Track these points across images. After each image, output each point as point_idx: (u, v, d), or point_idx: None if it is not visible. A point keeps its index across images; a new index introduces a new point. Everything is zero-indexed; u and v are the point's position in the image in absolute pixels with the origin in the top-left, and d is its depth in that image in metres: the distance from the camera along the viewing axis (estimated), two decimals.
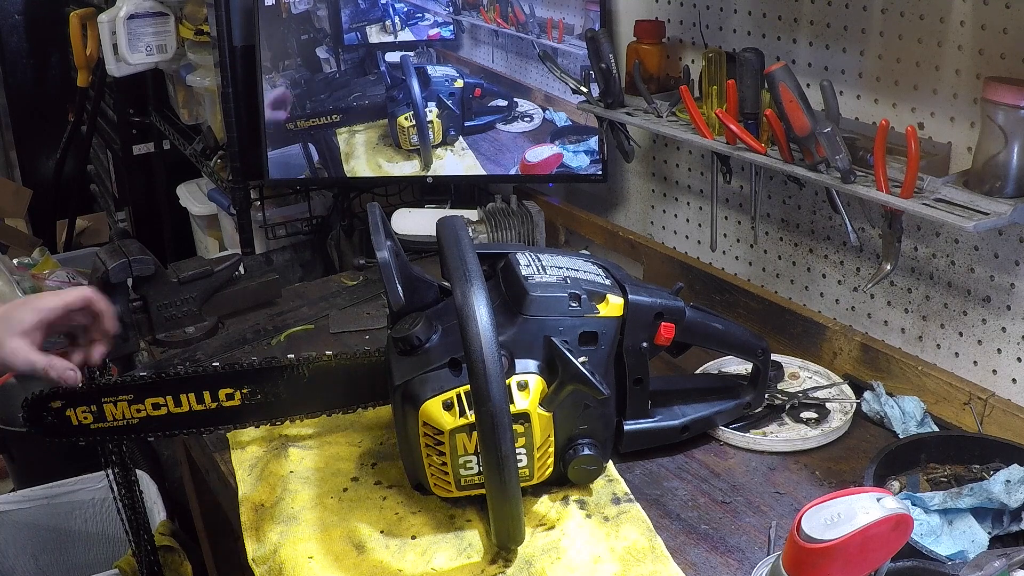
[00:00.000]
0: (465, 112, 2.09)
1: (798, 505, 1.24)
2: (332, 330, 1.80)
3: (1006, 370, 1.39)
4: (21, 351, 1.22)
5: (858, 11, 1.46)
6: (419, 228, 2.07)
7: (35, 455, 2.64)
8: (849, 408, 1.43)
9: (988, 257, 1.37)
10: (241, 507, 1.31)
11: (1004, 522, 1.17)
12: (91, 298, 1.30)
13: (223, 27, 2.21)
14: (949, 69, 1.35)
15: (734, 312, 1.74)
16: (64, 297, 1.28)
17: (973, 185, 1.26)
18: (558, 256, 1.33)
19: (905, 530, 0.88)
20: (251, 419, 1.37)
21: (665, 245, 1.97)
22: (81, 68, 3.53)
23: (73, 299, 1.28)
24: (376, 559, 1.18)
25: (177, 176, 3.14)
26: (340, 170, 2.18)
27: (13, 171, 4.65)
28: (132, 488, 1.79)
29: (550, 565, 1.15)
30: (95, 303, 1.31)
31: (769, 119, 1.38)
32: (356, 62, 2.15)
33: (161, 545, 2.05)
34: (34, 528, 2.37)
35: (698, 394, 1.42)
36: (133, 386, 1.31)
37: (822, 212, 1.62)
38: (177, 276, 1.75)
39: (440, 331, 1.23)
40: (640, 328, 1.29)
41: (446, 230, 1.18)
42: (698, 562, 1.17)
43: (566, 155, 2.05)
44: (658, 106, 1.65)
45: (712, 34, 1.72)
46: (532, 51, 2.01)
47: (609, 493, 1.28)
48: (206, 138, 2.65)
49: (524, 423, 1.17)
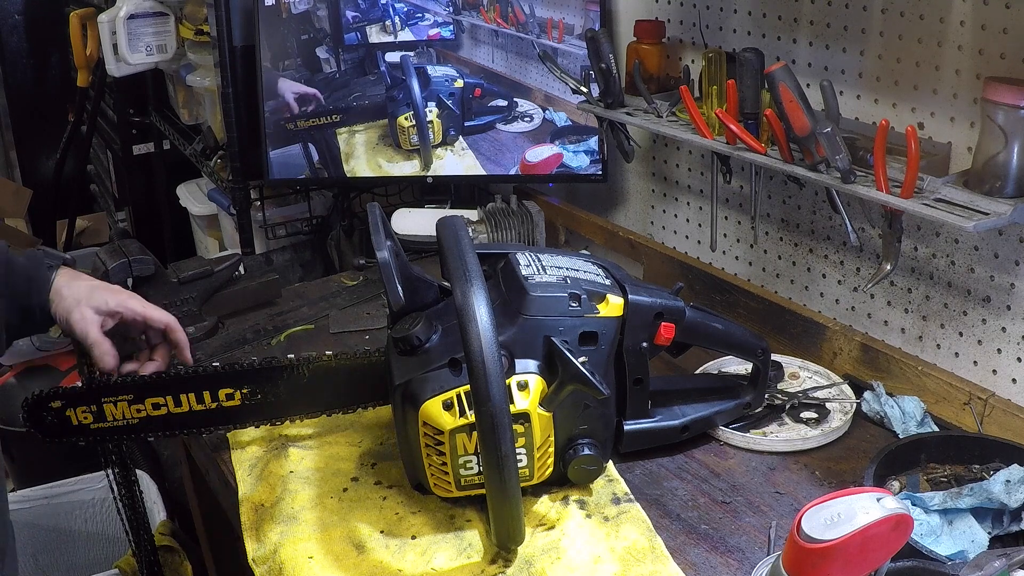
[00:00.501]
0: (465, 112, 2.09)
1: (798, 505, 1.24)
2: (332, 330, 1.80)
3: (1006, 370, 1.39)
4: (84, 322, 1.29)
5: (858, 11, 1.46)
6: (419, 228, 2.07)
7: (35, 455, 2.64)
8: (849, 408, 1.43)
9: (988, 257, 1.37)
10: (241, 507, 1.31)
11: (1004, 522, 1.17)
12: (171, 326, 1.38)
13: (223, 27, 2.21)
14: (949, 69, 1.35)
15: (734, 312, 1.74)
16: (148, 310, 1.36)
17: (973, 185, 1.26)
18: (558, 256, 1.33)
19: (905, 530, 0.88)
20: (251, 419, 1.37)
21: (665, 245, 1.97)
22: (81, 68, 3.52)
23: (154, 317, 1.36)
24: (376, 559, 1.18)
25: (177, 176, 3.15)
26: (340, 170, 2.19)
27: (13, 171, 4.65)
28: (132, 488, 1.79)
29: (550, 565, 1.15)
30: (174, 332, 1.38)
31: (769, 119, 1.38)
32: (356, 62, 2.16)
33: (161, 545, 2.05)
34: (34, 528, 2.37)
35: (698, 394, 1.42)
36: (133, 386, 1.31)
37: (822, 212, 1.62)
38: (177, 276, 1.75)
39: (440, 331, 1.23)
40: (640, 328, 1.29)
41: (446, 230, 1.18)
42: (698, 562, 1.17)
43: (566, 155, 2.05)
44: (658, 106, 1.65)
45: (712, 34, 1.72)
46: (532, 51, 2.01)
47: (609, 493, 1.28)
48: (206, 138, 2.65)
49: (524, 423, 1.17)
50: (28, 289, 1.28)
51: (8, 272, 1.27)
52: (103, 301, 1.32)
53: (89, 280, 1.35)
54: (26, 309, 1.29)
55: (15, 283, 1.27)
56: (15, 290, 1.27)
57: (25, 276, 1.28)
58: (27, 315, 1.29)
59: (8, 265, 1.28)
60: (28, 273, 1.29)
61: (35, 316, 1.29)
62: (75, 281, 1.32)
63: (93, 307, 1.30)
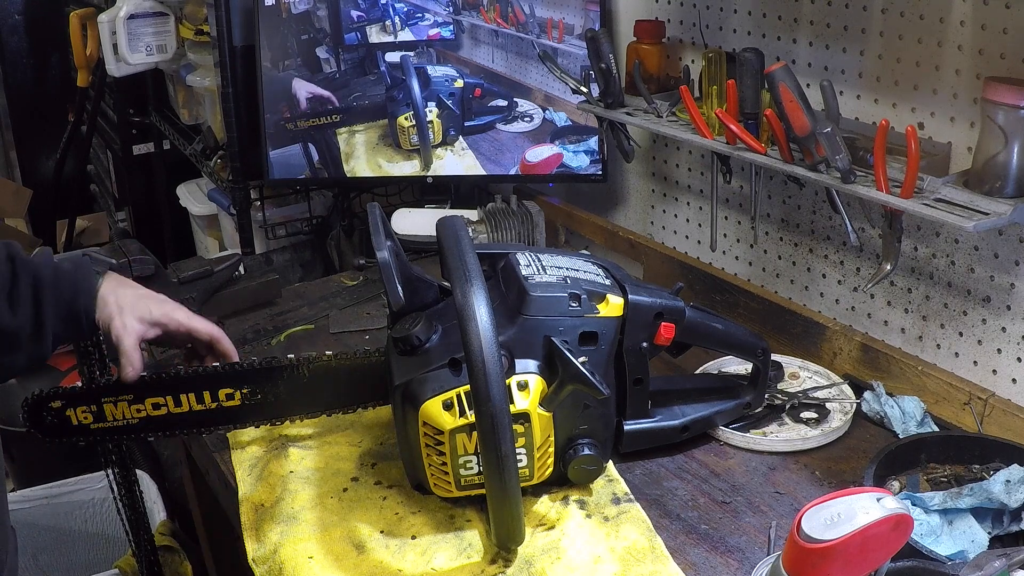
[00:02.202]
0: (465, 112, 2.09)
1: (798, 505, 1.24)
2: (332, 330, 1.80)
3: (1006, 370, 1.39)
4: (124, 330, 1.28)
5: (858, 11, 1.46)
6: (419, 228, 2.07)
7: (35, 455, 2.64)
8: (849, 408, 1.43)
9: (988, 257, 1.37)
10: (241, 507, 1.31)
11: (1004, 522, 1.17)
12: (216, 337, 1.37)
13: (223, 27, 2.21)
14: (949, 69, 1.35)
15: (734, 312, 1.74)
16: (192, 322, 1.35)
17: (973, 185, 1.26)
18: (558, 256, 1.33)
19: (905, 530, 0.88)
20: (251, 419, 1.36)
21: (665, 245, 1.97)
22: (81, 68, 3.52)
23: (199, 329, 1.35)
24: (376, 559, 1.18)
25: (177, 176, 3.14)
26: (340, 170, 2.19)
27: (13, 171, 4.64)
28: (132, 488, 1.79)
29: (550, 565, 1.15)
30: (220, 343, 1.37)
31: (769, 119, 1.38)
32: (356, 62, 2.16)
33: (161, 545, 2.05)
34: (34, 528, 2.37)
35: (698, 394, 1.42)
36: (133, 386, 1.31)
37: (822, 212, 1.62)
38: (177, 276, 1.75)
39: (440, 331, 1.23)
40: (640, 328, 1.29)
41: (446, 230, 1.18)
42: (698, 562, 1.17)
43: (566, 155, 2.05)
44: (658, 106, 1.65)
45: (712, 34, 1.72)
46: (532, 51, 2.01)
47: (609, 493, 1.28)
48: (206, 138, 2.65)
49: (524, 423, 1.17)
50: (75, 295, 1.27)
51: (55, 277, 1.26)
52: (147, 311, 1.30)
53: (135, 288, 1.33)
54: (72, 315, 1.27)
55: (61, 288, 1.26)
56: (61, 296, 1.26)
57: (71, 282, 1.27)
58: (73, 321, 1.27)
59: (55, 270, 1.27)
60: (75, 279, 1.27)
61: (81, 322, 1.28)
62: (121, 288, 1.31)
63: (137, 316, 1.29)
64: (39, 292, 1.24)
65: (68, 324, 1.27)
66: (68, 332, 1.29)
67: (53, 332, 1.25)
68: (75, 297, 1.27)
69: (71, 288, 1.27)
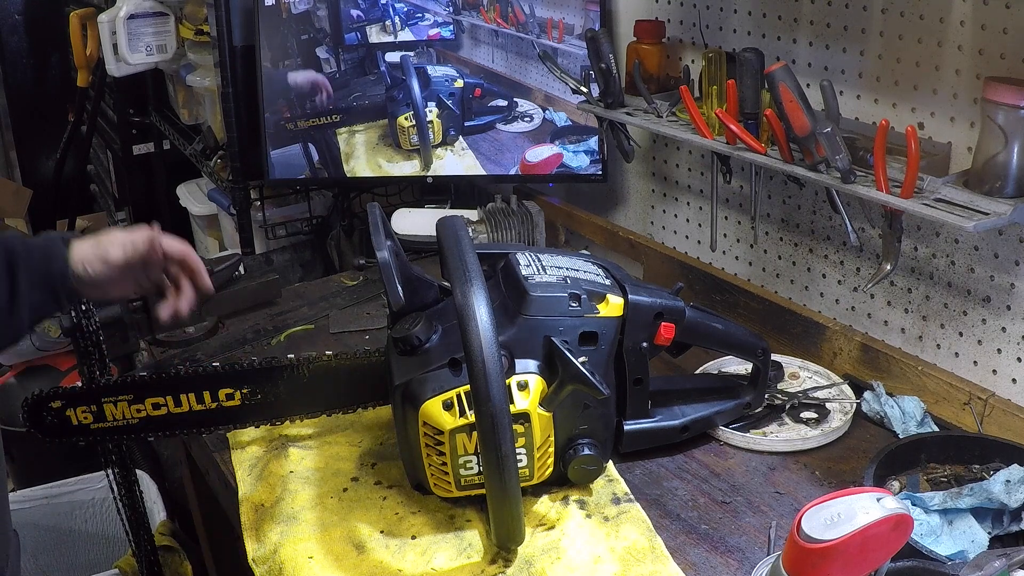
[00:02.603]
0: (465, 112, 2.09)
1: (798, 505, 1.24)
2: (332, 330, 1.80)
3: (1006, 370, 1.39)
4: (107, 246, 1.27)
5: (858, 11, 1.46)
6: (419, 228, 2.07)
7: (35, 455, 2.64)
8: (849, 408, 1.43)
9: (988, 257, 1.37)
10: (241, 507, 1.31)
11: (1004, 522, 1.17)
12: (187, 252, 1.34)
13: (223, 27, 2.21)
14: (949, 69, 1.35)
15: (734, 312, 1.74)
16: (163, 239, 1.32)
17: (973, 185, 1.26)
18: (558, 256, 1.33)
19: (905, 530, 0.88)
20: (251, 419, 1.37)
21: (665, 245, 1.97)
22: (81, 68, 3.52)
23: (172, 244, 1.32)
24: (376, 559, 1.18)
25: (177, 176, 3.14)
26: (340, 170, 2.19)
27: (13, 171, 4.64)
28: (132, 488, 1.79)
29: (550, 565, 1.15)
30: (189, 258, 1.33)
31: (769, 119, 1.38)
32: (356, 62, 2.16)
33: (161, 545, 2.05)
34: (34, 528, 2.37)
35: (698, 394, 1.42)
36: (133, 386, 1.31)
37: (822, 212, 1.62)
38: None
39: (440, 331, 1.23)
40: (640, 328, 1.29)
41: (446, 230, 1.18)
42: (698, 562, 1.17)
43: (566, 155, 2.05)
44: (658, 106, 1.65)
45: (712, 34, 1.72)
46: (532, 51, 2.01)
47: (609, 493, 1.28)
48: (206, 138, 2.65)
49: (524, 423, 1.17)
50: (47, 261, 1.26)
51: (26, 248, 1.26)
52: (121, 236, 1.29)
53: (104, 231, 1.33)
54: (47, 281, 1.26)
55: (33, 257, 1.25)
56: (32, 263, 1.25)
57: (42, 249, 1.27)
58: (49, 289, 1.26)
59: (24, 243, 1.27)
60: (45, 246, 1.27)
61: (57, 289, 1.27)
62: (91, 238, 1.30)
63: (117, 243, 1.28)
64: (12, 264, 1.23)
65: (43, 292, 1.26)
66: (45, 303, 1.27)
67: (29, 303, 1.24)
68: (48, 264, 1.26)
69: (42, 255, 1.26)
